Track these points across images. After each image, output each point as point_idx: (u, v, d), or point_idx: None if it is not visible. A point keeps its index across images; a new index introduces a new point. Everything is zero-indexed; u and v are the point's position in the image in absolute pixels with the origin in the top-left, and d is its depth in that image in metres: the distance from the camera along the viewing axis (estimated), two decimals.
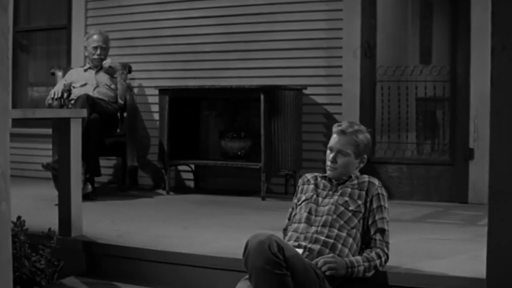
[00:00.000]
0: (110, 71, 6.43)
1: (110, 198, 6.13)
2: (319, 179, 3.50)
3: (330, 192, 3.41)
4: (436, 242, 4.18)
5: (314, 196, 3.42)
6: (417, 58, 7.71)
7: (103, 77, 6.45)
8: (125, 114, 6.57)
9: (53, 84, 6.66)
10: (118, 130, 6.57)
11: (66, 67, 7.01)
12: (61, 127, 4.27)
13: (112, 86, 6.44)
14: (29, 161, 7.34)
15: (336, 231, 3.26)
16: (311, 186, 3.48)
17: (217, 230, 4.58)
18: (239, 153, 6.33)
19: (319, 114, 6.29)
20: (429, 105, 6.48)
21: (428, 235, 4.40)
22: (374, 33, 6.20)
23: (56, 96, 6.32)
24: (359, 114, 6.14)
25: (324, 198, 3.40)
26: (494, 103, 2.71)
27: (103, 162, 6.36)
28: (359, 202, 3.33)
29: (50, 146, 6.41)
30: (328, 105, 6.30)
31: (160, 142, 6.36)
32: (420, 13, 8.16)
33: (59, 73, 6.83)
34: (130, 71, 6.77)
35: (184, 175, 6.91)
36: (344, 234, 3.26)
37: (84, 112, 4.52)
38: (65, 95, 6.39)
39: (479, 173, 5.70)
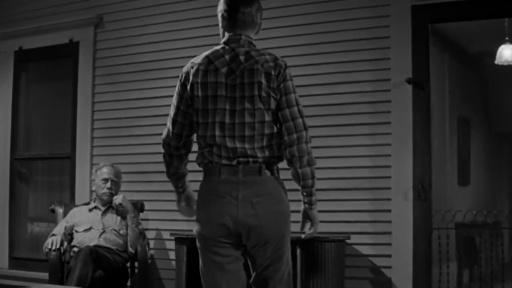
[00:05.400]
0: (120, 210, 5.59)
1: None
2: None
3: None
4: None
5: None
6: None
7: (111, 220, 5.61)
8: (135, 264, 5.66)
9: (54, 221, 5.88)
10: (128, 284, 5.66)
11: (69, 203, 6.17)
12: None
13: (122, 232, 5.58)
14: None
15: None
16: None
17: None
18: None
19: (364, 268, 5.32)
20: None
21: None
22: (429, 172, 5.29)
23: (54, 247, 5.45)
24: (412, 268, 5.19)
25: None
26: None
27: None
28: None
29: None
30: (375, 257, 5.34)
31: None
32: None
33: (60, 210, 5.99)
34: (142, 210, 5.92)
35: None
36: None
37: None
38: (65, 243, 5.54)
39: None
